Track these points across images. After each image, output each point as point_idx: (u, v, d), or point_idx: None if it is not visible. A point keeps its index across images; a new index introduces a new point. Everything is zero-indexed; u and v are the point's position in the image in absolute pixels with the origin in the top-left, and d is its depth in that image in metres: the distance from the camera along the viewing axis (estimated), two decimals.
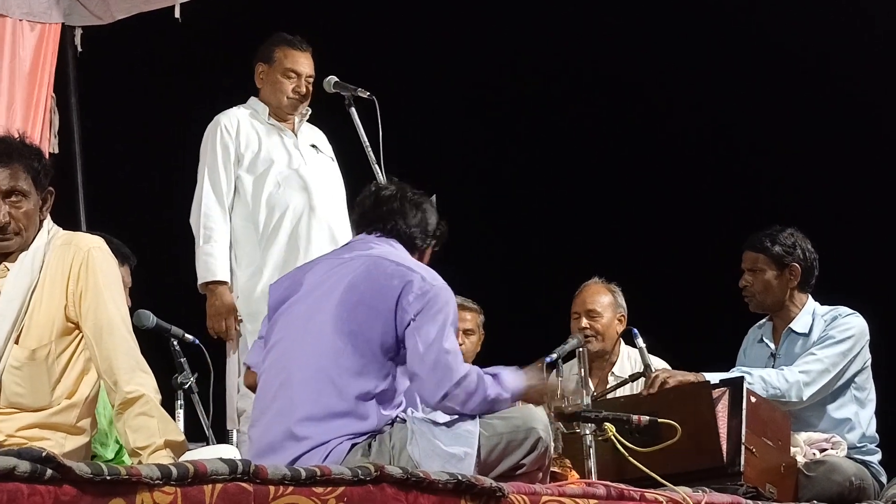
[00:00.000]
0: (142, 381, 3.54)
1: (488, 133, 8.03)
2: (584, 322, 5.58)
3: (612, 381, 5.43)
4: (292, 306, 3.73)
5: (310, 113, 5.39)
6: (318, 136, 5.43)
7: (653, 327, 5.51)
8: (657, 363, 5.35)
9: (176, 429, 3.65)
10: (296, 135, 5.33)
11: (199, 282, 5.14)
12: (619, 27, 7.57)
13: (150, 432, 3.49)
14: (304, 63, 5.34)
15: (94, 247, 3.61)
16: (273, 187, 5.16)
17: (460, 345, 5.69)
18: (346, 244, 3.96)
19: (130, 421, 3.51)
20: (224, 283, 5.11)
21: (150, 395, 3.54)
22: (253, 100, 5.38)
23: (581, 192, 7.89)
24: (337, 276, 3.69)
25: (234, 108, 5.33)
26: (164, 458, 3.45)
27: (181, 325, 4.94)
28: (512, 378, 3.73)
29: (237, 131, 5.22)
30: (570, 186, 7.94)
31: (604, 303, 5.63)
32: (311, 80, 5.33)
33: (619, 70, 7.69)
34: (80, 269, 3.56)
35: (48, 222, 3.66)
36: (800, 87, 7.27)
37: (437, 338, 3.60)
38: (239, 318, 5.14)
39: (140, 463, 3.45)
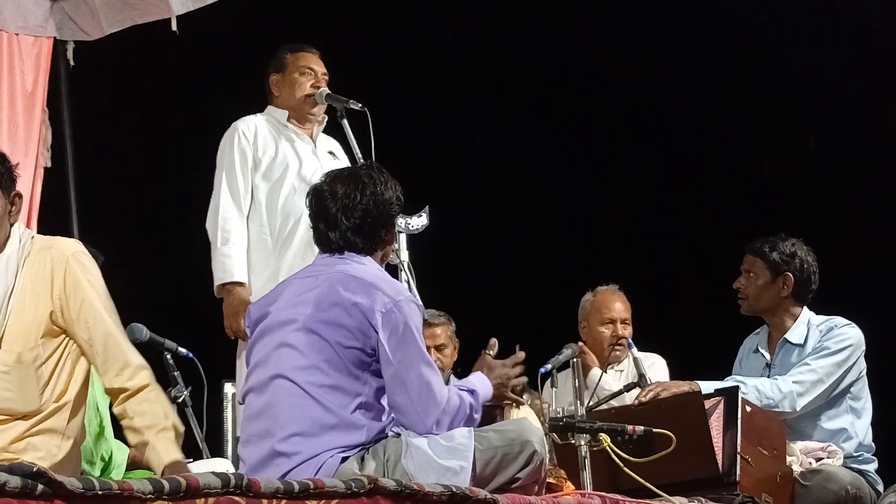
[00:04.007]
0: (145, 375, 3.60)
1: (482, 141, 8.04)
2: (620, 330, 5.59)
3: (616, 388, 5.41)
4: (266, 328, 3.74)
5: (326, 120, 5.38)
6: (335, 145, 5.43)
7: (652, 334, 5.52)
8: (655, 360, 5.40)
9: (177, 418, 3.66)
10: (314, 141, 5.32)
11: (216, 283, 5.07)
12: (623, 32, 7.56)
13: (156, 414, 3.54)
14: (316, 61, 5.35)
15: (76, 251, 3.62)
16: (289, 193, 5.15)
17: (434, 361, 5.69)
18: (313, 263, 3.93)
19: (135, 405, 3.55)
20: (241, 283, 5.06)
21: (153, 384, 3.59)
22: (270, 108, 5.35)
23: (575, 198, 7.89)
24: (305, 295, 3.68)
25: (252, 115, 5.32)
26: (171, 441, 3.49)
27: (175, 338, 4.94)
28: (484, 390, 3.75)
29: (255, 136, 5.21)
30: (563, 194, 7.94)
31: (629, 310, 5.67)
32: (326, 78, 5.33)
33: (616, 75, 7.69)
34: (64, 274, 3.56)
35: (19, 227, 3.64)
36: (806, 97, 7.27)
37: (414, 362, 3.59)
38: None
39: (144, 444, 3.51)
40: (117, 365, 3.56)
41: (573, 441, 4.19)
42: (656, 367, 5.49)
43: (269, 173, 5.18)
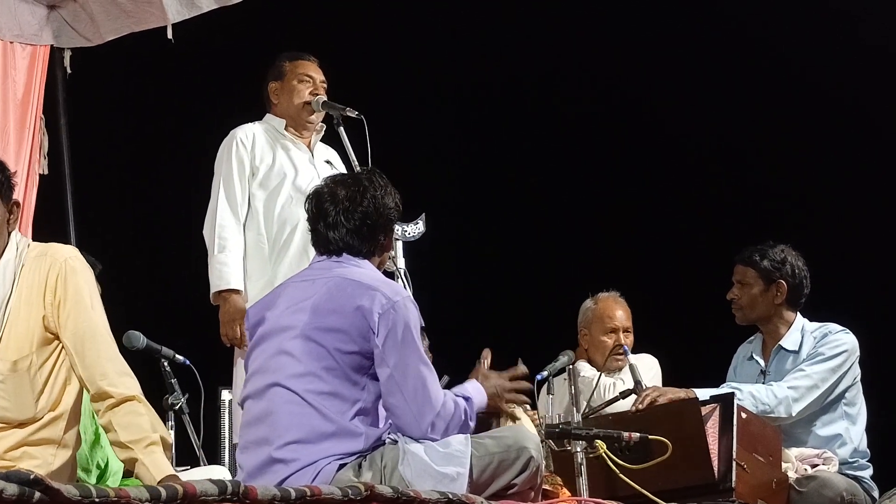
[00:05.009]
0: (130, 384, 3.54)
1: (478, 148, 8.04)
2: (623, 338, 5.60)
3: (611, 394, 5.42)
4: (264, 333, 3.75)
5: (324, 129, 5.39)
6: (332, 154, 5.44)
7: (649, 338, 5.52)
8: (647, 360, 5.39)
9: (165, 429, 3.64)
10: (311, 151, 5.33)
11: (212, 291, 5.08)
12: (620, 39, 7.57)
13: (142, 428, 3.47)
14: (314, 69, 5.37)
15: (70, 257, 3.61)
16: (285, 201, 5.16)
17: None
18: (309, 266, 3.94)
19: (120, 418, 3.48)
20: (237, 291, 5.07)
21: (140, 395, 3.53)
22: (269, 116, 5.37)
23: (571, 204, 7.89)
24: (302, 300, 3.69)
25: (250, 123, 5.33)
26: (160, 453, 3.44)
27: (172, 345, 4.94)
28: (479, 398, 3.75)
29: (252, 144, 5.23)
30: (559, 199, 7.94)
31: (630, 317, 5.67)
32: (325, 86, 5.34)
33: (613, 78, 7.69)
34: (57, 279, 3.55)
35: (16, 234, 3.64)
36: (801, 102, 7.28)
37: (411, 363, 3.60)
38: None
39: (132, 460, 3.44)
40: (100, 368, 3.51)
41: (569, 447, 4.19)
42: (645, 366, 5.48)
43: (267, 182, 5.19)
